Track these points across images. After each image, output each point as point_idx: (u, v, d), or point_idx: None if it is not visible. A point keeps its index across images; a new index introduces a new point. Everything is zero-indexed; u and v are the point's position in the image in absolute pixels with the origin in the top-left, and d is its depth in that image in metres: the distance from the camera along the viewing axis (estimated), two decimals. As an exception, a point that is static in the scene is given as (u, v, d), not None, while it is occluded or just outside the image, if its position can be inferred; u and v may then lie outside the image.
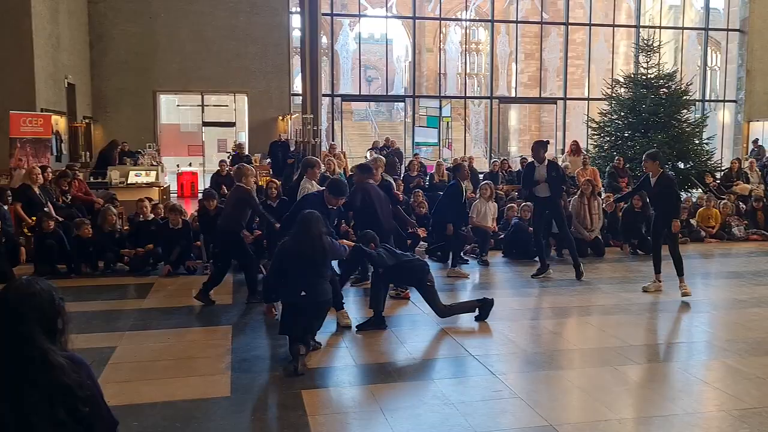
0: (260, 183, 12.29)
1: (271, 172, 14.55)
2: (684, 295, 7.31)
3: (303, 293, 5.14)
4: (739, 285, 8.09)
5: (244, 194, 7.13)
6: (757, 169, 14.63)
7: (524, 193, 8.74)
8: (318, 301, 5.25)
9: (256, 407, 4.46)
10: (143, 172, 13.44)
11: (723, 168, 15.69)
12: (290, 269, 5.22)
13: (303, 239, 5.22)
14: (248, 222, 7.79)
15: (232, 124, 19.14)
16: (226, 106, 19.33)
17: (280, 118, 17.94)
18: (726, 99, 21.62)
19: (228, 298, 7.35)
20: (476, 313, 6.45)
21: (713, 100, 22.35)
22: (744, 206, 12.45)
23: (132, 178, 13.17)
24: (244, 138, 18.31)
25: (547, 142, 9.13)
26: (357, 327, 6.11)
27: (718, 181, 14.42)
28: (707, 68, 22.28)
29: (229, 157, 15.53)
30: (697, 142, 15.21)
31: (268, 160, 15.83)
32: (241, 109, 18.66)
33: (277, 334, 5.55)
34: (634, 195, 9.60)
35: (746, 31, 20.48)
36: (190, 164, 18.55)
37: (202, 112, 18.70)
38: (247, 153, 15.99)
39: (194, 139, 19.18)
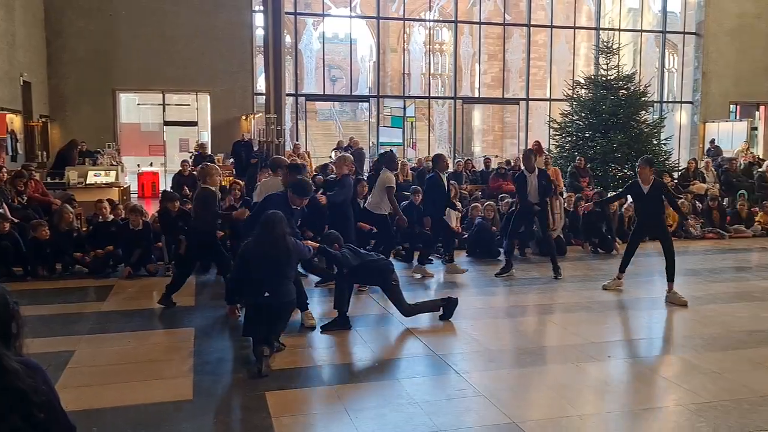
0: (223, 183, 12.17)
1: (235, 173, 14.41)
2: (681, 303, 7.12)
3: (267, 294, 5.11)
4: (696, 282, 8.29)
5: (206, 194, 7.05)
6: (713, 169, 15.00)
7: (524, 204, 8.59)
8: (282, 301, 5.22)
9: (219, 410, 4.41)
10: (102, 173, 13.19)
11: (680, 168, 16.06)
12: (254, 270, 5.17)
13: (267, 240, 5.19)
14: None
15: (194, 124, 18.91)
16: (188, 105, 19.08)
17: (244, 117, 17.79)
18: (683, 100, 22.12)
19: (191, 300, 7.25)
20: (440, 312, 6.48)
21: (671, 102, 22.85)
22: (700, 205, 12.76)
23: (91, 179, 12.91)
24: (206, 137, 18.12)
25: (533, 150, 9.36)
26: (321, 327, 6.09)
27: (676, 181, 14.75)
28: (665, 70, 22.76)
29: (191, 157, 15.34)
30: (655, 142, 15.53)
31: (231, 160, 15.68)
32: (204, 109, 18.44)
33: (240, 336, 5.51)
34: (618, 199, 9.72)
35: (702, 35, 20.99)
36: (151, 164, 18.27)
37: (164, 111, 18.43)
38: (209, 153, 15.80)
39: (155, 138, 18.89)
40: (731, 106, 21.71)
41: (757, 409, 4.29)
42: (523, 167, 8.82)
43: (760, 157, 18.11)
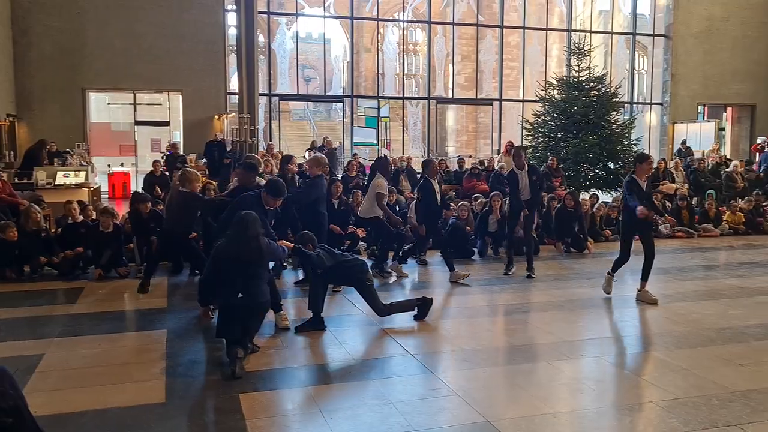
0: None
1: (208, 173, 14.29)
2: (651, 302, 7.22)
3: (240, 295, 5.07)
4: (666, 281, 8.41)
5: (192, 200, 6.99)
6: (682, 169, 15.25)
7: (516, 203, 8.60)
8: (256, 302, 5.19)
9: (192, 412, 4.36)
10: (72, 173, 12.97)
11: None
12: (227, 271, 5.13)
13: (240, 241, 5.15)
14: None
15: (166, 123, 18.70)
16: (160, 104, 18.87)
17: (216, 117, 17.65)
18: (652, 102, 22.45)
19: (163, 302, 7.17)
20: (415, 312, 6.49)
21: (640, 103, 23.18)
22: (670, 204, 12.96)
23: (60, 179, 12.69)
24: (178, 137, 17.93)
25: (510, 146, 9.37)
26: (296, 328, 6.06)
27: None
28: (635, 72, 23.09)
29: (162, 157, 15.18)
30: (625, 143, 15.73)
31: (204, 160, 15.55)
32: (176, 108, 18.25)
33: (213, 338, 5.46)
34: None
35: (671, 37, 21.33)
36: (122, 164, 18.04)
37: (135, 110, 18.19)
38: (181, 153, 15.66)
39: (126, 138, 18.64)
40: (699, 107, 22.10)
41: (726, 405, 4.36)
42: (513, 165, 8.75)
43: (728, 157, 18.47)
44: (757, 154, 17.94)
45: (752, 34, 21.45)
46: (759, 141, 18.83)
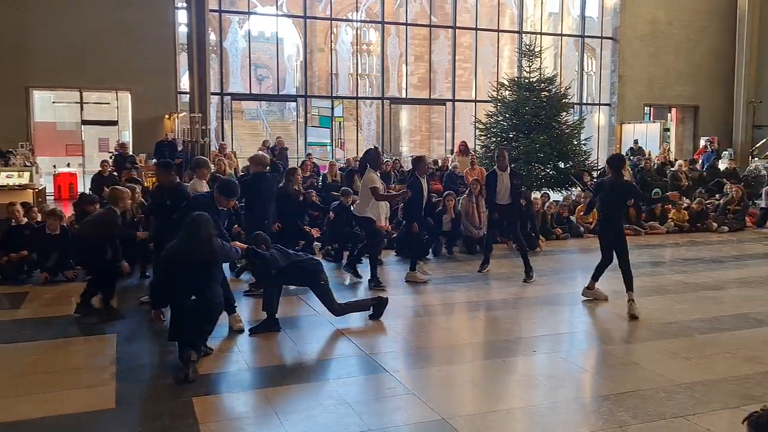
0: (146, 185, 11.83)
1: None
2: (602, 298, 7.23)
3: (193, 297, 4.99)
4: (615, 277, 8.56)
5: (111, 218, 6.67)
6: (629, 168, 15.64)
7: (490, 205, 8.58)
8: (209, 304, 5.11)
9: (143, 418, 4.27)
10: (15, 174, 12.58)
11: (599, 167, 16.66)
12: (179, 273, 5.04)
13: (192, 242, 5.07)
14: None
15: (114, 123, 18.26)
16: (108, 103, 18.40)
17: (167, 116, 17.32)
18: (601, 102, 22.96)
19: (112, 305, 6.99)
20: (370, 311, 6.50)
21: (589, 104, 23.67)
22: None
23: (2, 180, 12.29)
24: (127, 137, 17.53)
25: (506, 149, 9.31)
26: (250, 330, 6.00)
27: (595, 180, 15.30)
28: (584, 73, 23.58)
29: (111, 157, 14.84)
30: (575, 142, 16.03)
31: (154, 160, 15.25)
32: (124, 107, 17.83)
33: (165, 341, 5.36)
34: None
35: (618, 40, 21.85)
36: (68, 165, 17.53)
37: (81, 109, 17.71)
38: (131, 153, 15.32)
39: (73, 138, 18.13)
40: (645, 108, 22.71)
41: (673, 397, 4.49)
42: (496, 166, 8.67)
43: (673, 157, 19.02)
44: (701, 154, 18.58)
45: (694, 37, 22.13)
46: (702, 142, 19.49)
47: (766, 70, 21.46)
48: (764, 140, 20.65)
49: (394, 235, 10.46)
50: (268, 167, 8.08)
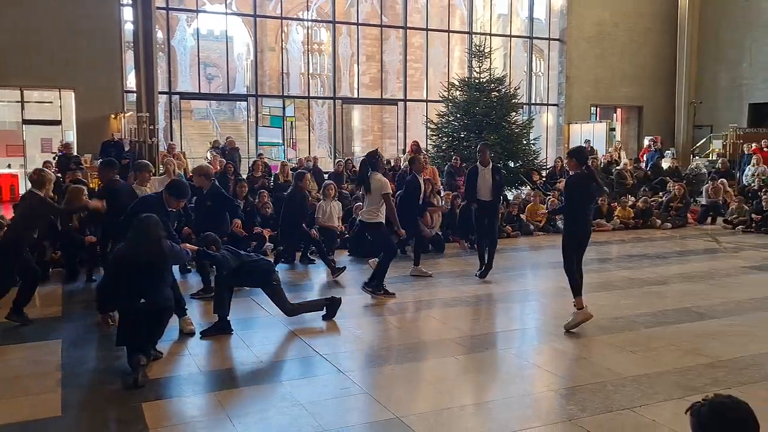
0: (92, 186, 11.54)
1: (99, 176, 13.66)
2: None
3: (143, 300, 4.89)
4: (563, 274, 8.76)
5: (37, 204, 6.45)
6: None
7: (469, 196, 8.49)
8: (159, 307, 5.02)
9: (91, 425, 4.17)
10: (-48, 175, 12.10)
11: (548, 166, 16.98)
12: (128, 276, 4.94)
13: (141, 244, 4.97)
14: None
15: (57, 123, 17.72)
16: (51, 102, 17.86)
17: (113, 116, 16.89)
18: (549, 103, 23.38)
19: (57, 310, 6.82)
20: (324, 311, 6.48)
21: (538, 104, 24.08)
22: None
23: (-61, 182, 11.81)
24: (72, 137, 17.03)
25: (488, 144, 9.19)
26: (201, 333, 5.92)
27: (544, 179, 15.61)
28: (532, 74, 23.97)
29: (54, 158, 14.40)
30: (525, 142, 16.31)
31: (100, 161, 14.87)
32: (68, 106, 17.32)
33: (113, 346, 5.23)
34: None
35: (565, 41, 22.29)
36: (9, 166, 16.97)
37: (22, 109, 17.12)
38: (75, 153, 14.90)
39: (13, 138, 17.53)
40: (592, 108, 23.22)
41: (619, 390, 4.61)
42: (478, 161, 8.59)
43: (627, 155, 19.49)
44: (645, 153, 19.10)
45: (638, 39, 22.74)
46: (646, 142, 20.02)
47: (706, 72, 22.20)
48: (704, 140, 21.36)
49: (347, 236, 10.47)
50: (213, 179, 7.89)
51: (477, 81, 16.29)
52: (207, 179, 7.53)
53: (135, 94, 16.68)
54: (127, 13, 17.21)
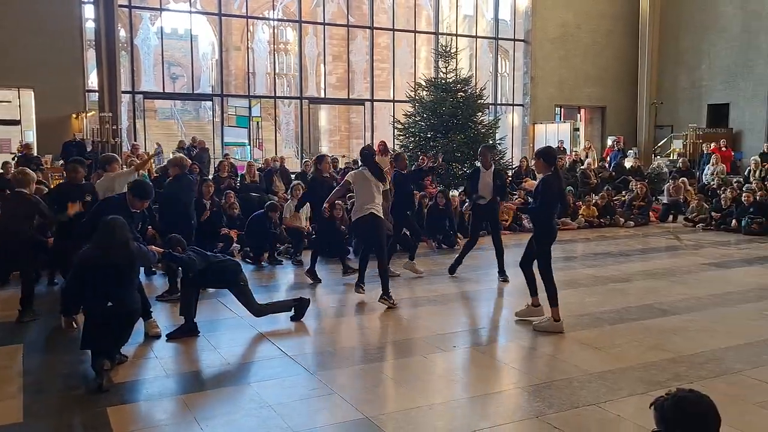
0: (53, 186, 11.29)
1: (65, 175, 13.39)
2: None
3: (110, 303, 4.81)
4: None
5: (30, 205, 6.46)
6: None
7: (472, 198, 8.23)
8: (126, 310, 4.94)
9: (55, 431, 4.08)
10: None
11: (513, 166, 17.15)
12: (94, 278, 4.85)
13: (107, 246, 4.88)
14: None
15: (16, 123, 17.31)
16: (9, 101, 17.43)
17: (75, 116, 16.56)
18: (515, 103, 23.62)
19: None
20: (292, 312, 6.45)
21: (504, 104, 24.30)
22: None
23: None
24: (32, 137, 16.66)
25: (495, 147, 9.16)
26: (167, 336, 5.84)
27: (510, 179, 15.73)
28: (498, 74, 24.18)
29: (14, 159, 14.07)
30: (491, 142, 16.43)
31: (62, 161, 14.57)
32: (28, 106, 16.93)
33: (77, 350, 5.14)
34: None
35: (530, 42, 22.53)
36: (-34, 166, 16.49)
37: (-20, 108, 16.73)
38: (35, 154, 14.58)
39: (-29, 138, 17.10)
40: (556, 108, 23.52)
41: (585, 386, 4.68)
42: (479, 163, 8.47)
43: (597, 155, 19.77)
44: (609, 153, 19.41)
45: (601, 41, 23.10)
46: (609, 141, 20.35)
47: (666, 74, 22.66)
48: (665, 139, 21.79)
49: (314, 236, 10.43)
50: (187, 169, 7.94)
51: (443, 81, 16.36)
52: (182, 170, 7.59)
53: (97, 94, 16.39)
54: (89, 11, 16.90)
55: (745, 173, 16.69)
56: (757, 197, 13.14)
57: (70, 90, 16.62)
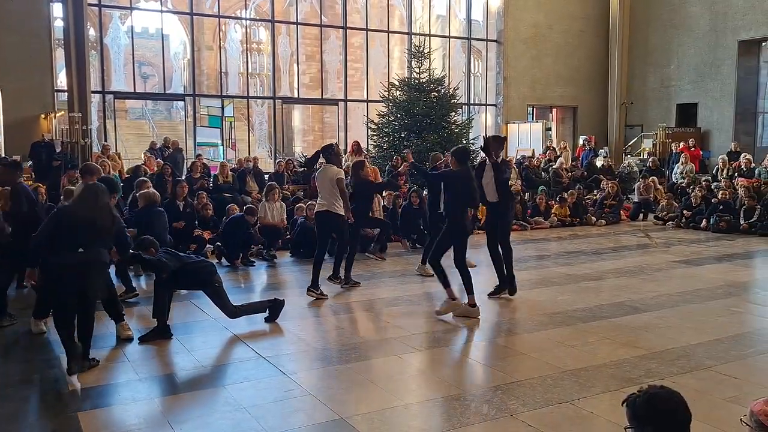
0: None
1: (34, 176, 13.16)
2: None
3: (81, 250, 4.85)
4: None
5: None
6: (515, 166, 16.30)
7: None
8: (96, 260, 4.97)
9: (23, 437, 4.02)
10: None
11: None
12: (70, 231, 4.89)
13: (90, 207, 4.99)
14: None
15: (-18, 123, 16.96)
16: (-25, 102, 17.07)
17: (43, 116, 16.27)
18: (488, 103, 23.74)
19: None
20: (266, 314, 6.42)
21: (477, 104, 24.41)
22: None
23: None
24: (-1, 138, 16.34)
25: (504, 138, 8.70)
26: (139, 339, 5.78)
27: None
28: (471, 74, 24.29)
29: (-20, 160, 13.78)
30: (465, 142, 16.51)
31: (30, 162, 14.32)
32: (-6, 106, 16.59)
33: (43, 354, 5.05)
34: None
35: (502, 42, 22.68)
36: (-70, 168, 16.09)
37: (-56, 108, 16.33)
38: (3, 155, 14.30)
39: (-66, 139, 16.68)
40: (528, 108, 23.69)
41: (559, 384, 4.73)
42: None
43: (570, 155, 19.95)
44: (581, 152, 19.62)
45: (572, 41, 23.33)
46: (580, 141, 20.57)
47: (636, 74, 22.97)
48: (635, 139, 22.08)
49: (288, 237, 10.40)
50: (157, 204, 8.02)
51: (417, 81, 16.41)
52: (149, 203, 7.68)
53: (66, 94, 16.13)
54: (57, 10, 16.61)
55: (714, 172, 16.98)
56: (726, 195, 13.42)
57: (38, 90, 16.31)
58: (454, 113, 16.79)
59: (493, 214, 7.64)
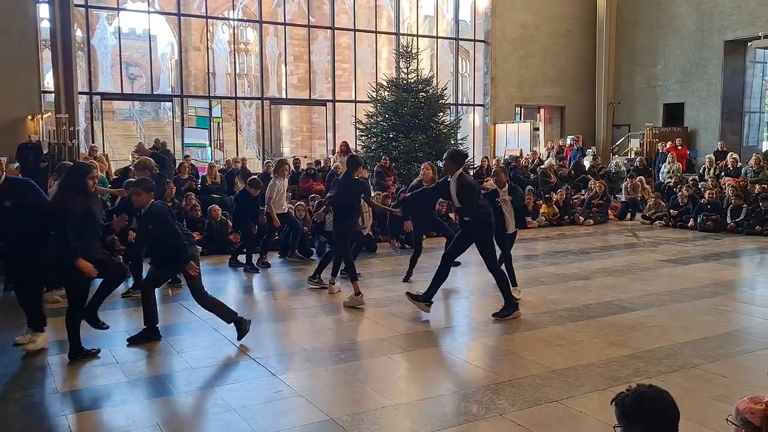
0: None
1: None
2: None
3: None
4: (489, 272, 8.95)
5: None
6: (503, 167, 16.35)
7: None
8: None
9: (11, 441, 3.99)
10: None
11: (475, 166, 17.29)
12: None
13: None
14: None
15: (-32, 124, 16.80)
16: (-40, 103, 16.90)
17: (30, 117, 16.15)
18: (475, 103, 23.79)
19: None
20: (232, 326, 6.01)
21: (465, 104, 24.46)
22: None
23: None
24: (-16, 140, 16.18)
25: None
26: (128, 340, 5.75)
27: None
28: (459, 75, 24.34)
29: (-34, 162, 13.66)
30: (453, 142, 16.53)
31: (17, 164, 14.20)
32: (-21, 107, 16.44)
33: (30, 356, 5.01)
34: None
35: (490, 43, 22.74)
36: None
37: (-72, 110, 16.16)
38: (-11, 156, 14.18)
39: None
40: (516, 108, 23.77)
41: (548, 383, 4.75)
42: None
43: (548, 155, 20.03)
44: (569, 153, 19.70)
45: (560, 42, 23.43)
46: (568, 141, 20.66)
47: (623, 74, 23.10)
48: (623, 139, 22.21)
49: (276, 238, 10.37)
50: (155, 171, 7.88)
51: (405, 81, 16.41)
52: (150, 172, 7.53)
53: (53, 95, 16.02)
54: (44, 11, 16.49)
55: (700, 171, 17.11)
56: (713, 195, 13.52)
57: (25, 91, 16.18)
58: (442, 113, 16.80)
59: (466, 231, 6.80)
